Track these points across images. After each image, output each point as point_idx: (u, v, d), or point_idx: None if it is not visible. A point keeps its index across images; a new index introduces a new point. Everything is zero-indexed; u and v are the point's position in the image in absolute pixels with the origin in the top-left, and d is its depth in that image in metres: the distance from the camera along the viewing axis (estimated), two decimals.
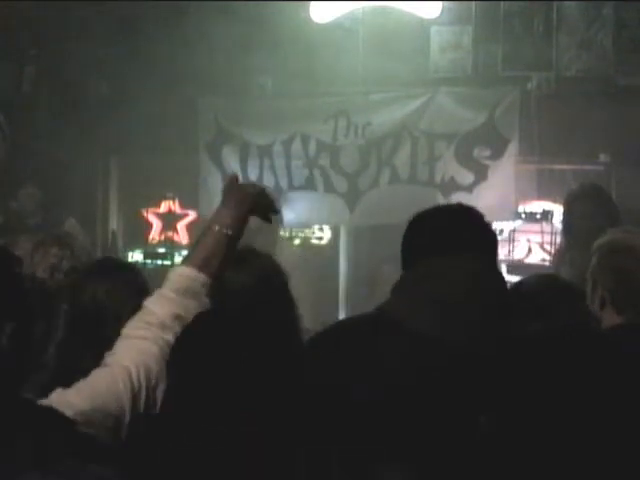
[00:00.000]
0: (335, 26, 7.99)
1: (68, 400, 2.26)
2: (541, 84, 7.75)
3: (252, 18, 7.82)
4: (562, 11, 7.74)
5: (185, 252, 8.06)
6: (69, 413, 2.19)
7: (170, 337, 2.37)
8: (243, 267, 2.92)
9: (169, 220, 8.41)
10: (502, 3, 7.84)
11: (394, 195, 7.87)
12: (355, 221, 8.20)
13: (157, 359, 2.36)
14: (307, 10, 7.93)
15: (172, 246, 8.27)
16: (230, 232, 2.53)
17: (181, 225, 8.44)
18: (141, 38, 8.02)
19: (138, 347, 2.38)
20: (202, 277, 2.47)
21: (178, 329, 2.36)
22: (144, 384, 2.35)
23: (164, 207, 8.45)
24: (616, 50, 7.61)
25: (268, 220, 2.73)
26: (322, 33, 7.91)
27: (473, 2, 7.89)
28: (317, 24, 7.94)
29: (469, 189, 7.69)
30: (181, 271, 2.50)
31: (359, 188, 8.06)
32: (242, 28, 7.77)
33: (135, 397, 2.33)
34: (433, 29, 7.96)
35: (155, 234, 8.45)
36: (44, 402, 2.22)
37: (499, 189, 7.59)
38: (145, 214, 8.47)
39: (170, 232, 8.39)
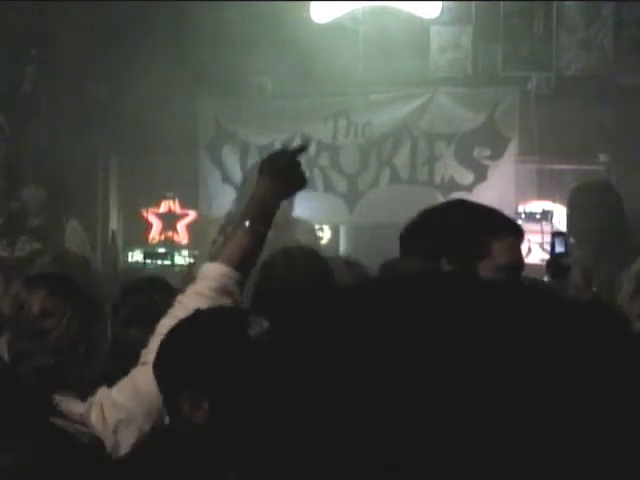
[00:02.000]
0: (335, 26, 7.99)
1: (114, 399, 2.26)
2: (541, 84, 7.75)
3: (252, 18, 7.82)
4: (562, 11, 7.74)
5: (185, 252, 8.12)
6: (115, 412, 2.20)
7: None
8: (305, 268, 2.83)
9: (169, 220, 8.41)
10: (502, 3, 7.84)
11: (394, 195, 7.88)
12: (355, 221, 8.20)
13: None
14: (307, 10, 7.94)
15: (172, 246, 8.26)
16: (262, 229, 2.46)
17: (181, 225, 8.43)
18: (141, 38, 8.01)
19: None
20: (238, 276, 2.42)
21: None
22: None
23: (164, 207, 8.44)
24: (616, 50, 7.61)
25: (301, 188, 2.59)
26: (322, 33, 7.91)
27: (473, 2, 7.89)
28: (317, 24, 7.95)
29: (469, 189, 7.69)
30: (218, 269, 2.42)
31: (359, 188, 8.07)
32: (242, 28, 7.77)
33: None
34: (433, 29, 7.97)
35: (155, 234, 8.45)
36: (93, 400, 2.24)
37: (499, 189, 7.59)
38: (145, 214, 8.47)
39: (170, 232, 8.39)
